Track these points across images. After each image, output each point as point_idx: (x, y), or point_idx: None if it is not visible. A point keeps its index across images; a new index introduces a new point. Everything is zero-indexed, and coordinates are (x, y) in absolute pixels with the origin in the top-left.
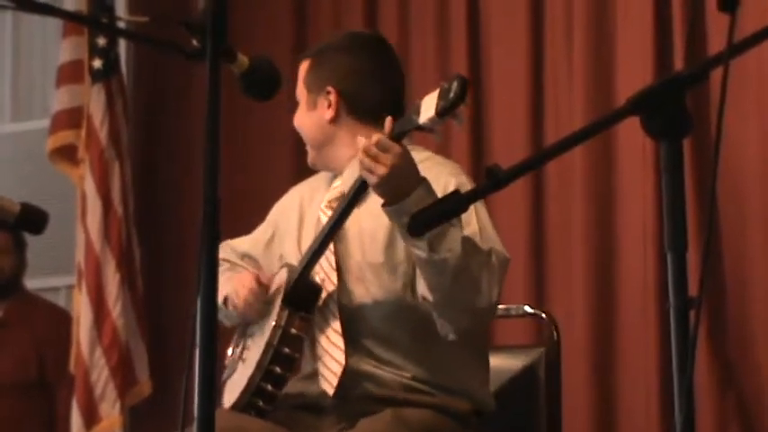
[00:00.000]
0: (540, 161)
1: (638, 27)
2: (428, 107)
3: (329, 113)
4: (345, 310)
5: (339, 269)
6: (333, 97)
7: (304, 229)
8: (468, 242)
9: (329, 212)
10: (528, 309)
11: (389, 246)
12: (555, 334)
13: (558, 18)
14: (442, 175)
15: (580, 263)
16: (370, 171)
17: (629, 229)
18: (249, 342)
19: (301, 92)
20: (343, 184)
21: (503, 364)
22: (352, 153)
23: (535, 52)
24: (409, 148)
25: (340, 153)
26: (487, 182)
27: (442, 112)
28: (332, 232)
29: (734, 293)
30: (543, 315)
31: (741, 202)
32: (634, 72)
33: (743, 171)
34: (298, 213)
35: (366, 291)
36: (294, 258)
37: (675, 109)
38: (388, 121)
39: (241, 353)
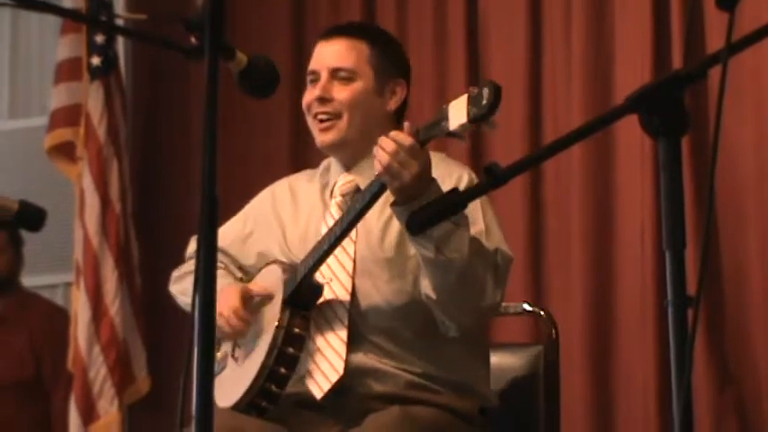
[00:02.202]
0: (539, 159)
1: (637, 25)
2: (458, 113)
3: (393, 104)
4: (353, 307)
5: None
6: (404, 90)
7: (287, 226)
8: (474, 243)
9: (337, 208)
10: (526, 307)
11: (400, 242)
12: (553, 332)
13: (556, 16)
14: (455, 169)
15: (579, 261)
16: (396, 177)
17: (627, 226)
18: (239, 340)
19: (363, 70)
20: (360, 177)
21: (501, 361)
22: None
23: (533, 50)
24: None
25: (373, 146)
26: (486, 179)
27: (475, 119)
28: (344, 234)
29: (731, 291)
30: (542, 313)
31: (739, 200)
32: (632, 70)
33: (740, 169)
34: (274, 212)
35: (374, 287)
36: (279, 255)
37: (674, 107)
38: (408, 126)
39: (232, 351)
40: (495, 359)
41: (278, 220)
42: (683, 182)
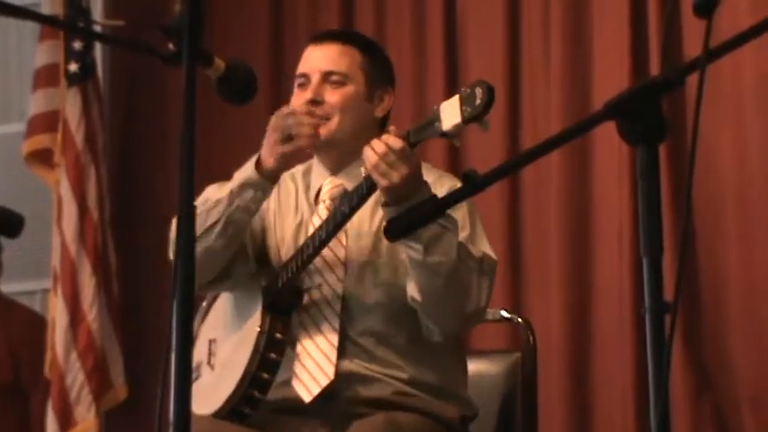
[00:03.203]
0: (517, 165)
1: (615, 31)
2: (451, 114)
3: (381, 111)
4: (343, 311)
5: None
6: (391, 98)
7: (276, 221)
8: (462, 248)
9: (326, 212)
10: (504, 313)
11: (393, 246)
12: (531, 339)
13: (534, 21)
14: (446, 180)
15: (556, 267)
16: (385, 176)
17: (605, 233)
18: (215, 347)
19: (355, 75)
20: (347, 181)
21: (479, 368)
22: (361, 156)
23: (512, 56)
24: None
25: (359, 151)
26: (464, 186)
27: (470, 119)
28: (329, 238)
29: (709, 297)
30: (519, 320)
31: (716, 207)
32: (611, 76)
33: (718, 175)
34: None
35: (366, 291)
36: (270, 245)
37: (652, 114)
38: (395, 129)
39: (208, 358)
40: (473, 366)
41: (266, 212)
42: (661, 188)
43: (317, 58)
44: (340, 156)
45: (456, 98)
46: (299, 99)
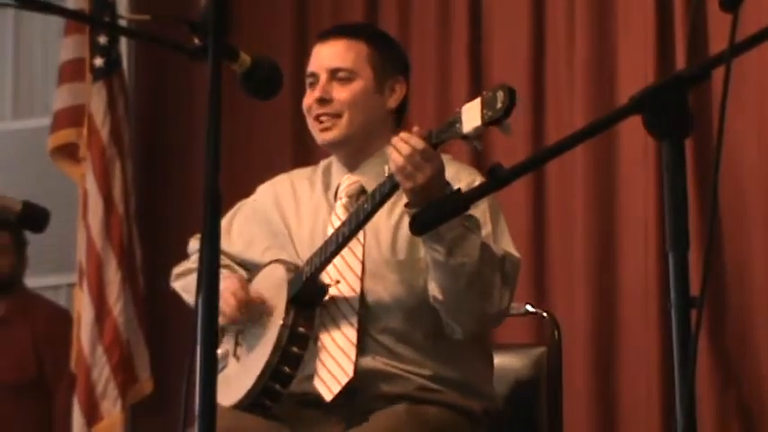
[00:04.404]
0: (542, 160)
1: (640, 26)
2: (472, 116)
3: (393, 102)
4: (362, 309)
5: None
6: (403, 88)
7: (292, 226)
8: (485, 248)
9: (343, 209)
10: (529, 308)
11: (411, 243)
12: (556, 333)
13: (559, 17)
14: (465, 174)
15: (581, 262)
16: (409, 177)
17: (630, 228)
18: (241, 339)
19: (362, 70)
20: (365, 178)
21: (504, 363)
22: (377, 150)
23: (537, 51)
24: None
25: (375, 145)
26: (489, 181)
27: (489, 122)
28: (353, 234)
29: (735, 292)
30: (544, 314)
31: (742, 201)
32: (636, 71)
33: (744, 170)
34: (278, 209)
35: (384, 289)
36: (284, 254)
37: (678, 108)
38: (418, 129)
39: (235, 349)
40: (498, 360)
41: (282, 219)
42: (687, 183)
43: (324, 56)
44: (355, 152)
45: (478, 101)
46: (309, 98)
